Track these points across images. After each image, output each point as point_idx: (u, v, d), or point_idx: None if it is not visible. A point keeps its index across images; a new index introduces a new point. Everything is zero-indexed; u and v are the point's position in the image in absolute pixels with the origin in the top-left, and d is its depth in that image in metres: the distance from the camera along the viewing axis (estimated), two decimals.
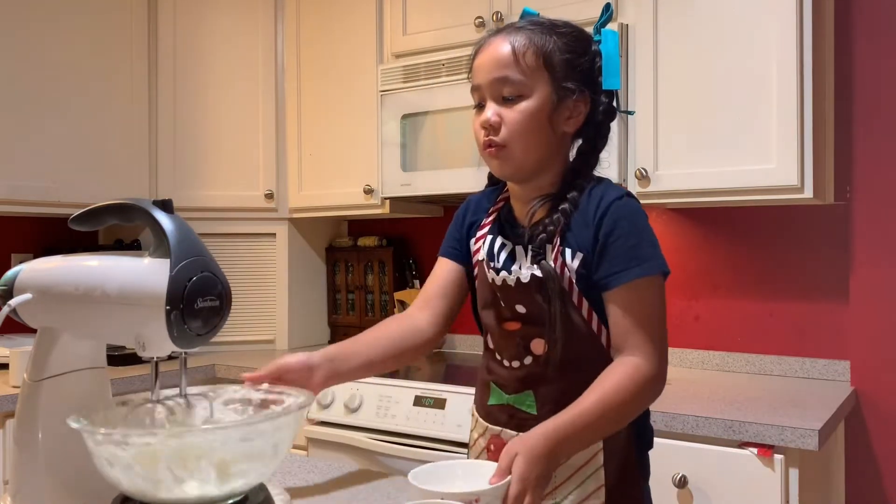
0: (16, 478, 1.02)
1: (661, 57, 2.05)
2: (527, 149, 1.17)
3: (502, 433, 1.22)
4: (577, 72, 1.18)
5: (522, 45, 1.16)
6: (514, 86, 1.16)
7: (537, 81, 1.16)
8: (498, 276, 1.22)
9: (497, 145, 1.17)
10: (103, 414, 0.96)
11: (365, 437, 2.10)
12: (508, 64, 1.16)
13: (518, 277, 1.19)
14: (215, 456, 0.87)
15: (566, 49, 1.17)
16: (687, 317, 2.37)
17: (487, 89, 1.18)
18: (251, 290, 2.82)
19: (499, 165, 1.20)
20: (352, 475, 1.24)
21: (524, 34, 1.17)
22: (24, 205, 2.41)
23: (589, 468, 1.16)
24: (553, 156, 1.20)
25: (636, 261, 1.13)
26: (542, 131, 1.17)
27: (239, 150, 2.80)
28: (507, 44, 1.17)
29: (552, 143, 1.19)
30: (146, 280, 0.92)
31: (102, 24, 2.60)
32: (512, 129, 1.16)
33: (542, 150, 1.19)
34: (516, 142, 1.16)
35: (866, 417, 2.05)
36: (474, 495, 0.94)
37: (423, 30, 2.47)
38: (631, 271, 1.12)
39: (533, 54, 1.16)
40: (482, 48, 1.21)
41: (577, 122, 1.19)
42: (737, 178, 1.94)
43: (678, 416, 1.71)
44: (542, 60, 1.16)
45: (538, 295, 1.17)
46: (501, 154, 1.18)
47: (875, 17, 2.06)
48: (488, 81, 1.17)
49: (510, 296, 1.21)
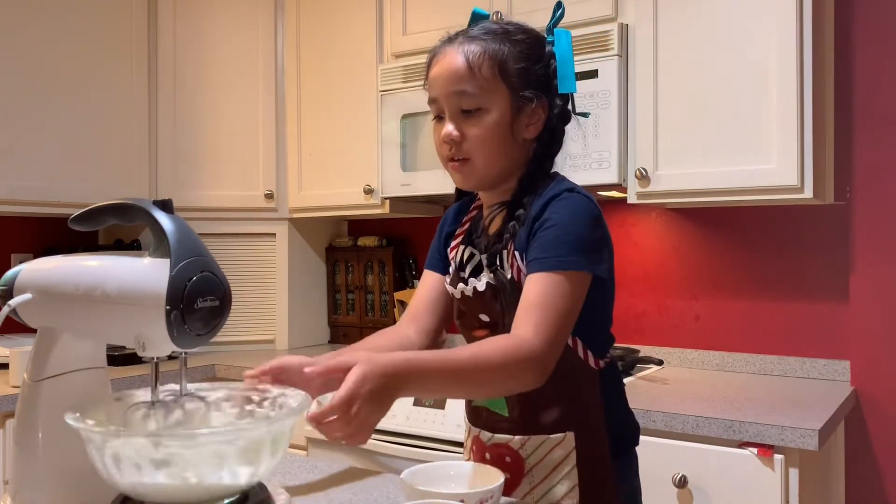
0: (16, 478, 1.02)
1: (661, 57, 2.04)
2: (489, 161, 1.17)
3: (480, 434, 1.24)
4: (533, 78, 1.16)
5: (477, 56, 1.14)
6: (471, 99, 1.14)
7: (495, 93, 1.15)
8: (456, 290, 1.24)
9: (460, 159, 1.17)
10: (102, 411, 0.96)
11: None
12: (464, 77, 1.14)
13: (475, 287, 1.19)
14: (214, 456, 0.87)
15: (521, 57, 1.16)
16: (687, 317, 2.37)
17: (445, 103, 1.17)
18: (251, 290, 2.82)
19: (462, 179, 1.20)
20: (351, 475, 1.24)
21: (477, 44, 1.15)
22: (24, 205, 2.41)
23: (563, 467, 1.17)
24: (515, 163, 1.20)
25: (555, 251, 1.09)
26: (503, 142, 1.16)
27: (239, 150, 2.80)
28: (461, 55, 1.15)
29: (514, 152, 1.18)
30: (146, 280, 0.92)
31: (102, 24, 2.60)
32: (473, 144, 1.15)
33: (505, 160, 1.18)
34: (478, 155, 1.16)
35: (866, 417, 2.05)
36: (459, 497, 0.95)
37: (423, 30, 2.47)
38: (547, 261, 1.09)
39: (488, 66, 1.14)
40: (436, 58, 1.19)
41: (538, 127, 1.18)
42: (737, 178, 1.94)
43: (678, 416, 1.71)
44: (497, 71, 1.14)
45: (495, 303, 1.17)
46: (464, 168, 1.18)
47: (875, 17, 2.06)
48: (445, 95, 1.16)
49: (472, 306, 1.22)
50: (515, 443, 1.19)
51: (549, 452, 1.17)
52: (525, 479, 1.19)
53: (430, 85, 1.20)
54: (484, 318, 1.21)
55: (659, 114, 2.05)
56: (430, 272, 1.36)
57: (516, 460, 1.19)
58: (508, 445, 1.20)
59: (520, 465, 1.19)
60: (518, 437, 1.19)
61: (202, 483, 0.87)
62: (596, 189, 2.13)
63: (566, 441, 1.17)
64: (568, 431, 1.17)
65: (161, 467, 0.85)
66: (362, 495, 1.14)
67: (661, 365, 2.29)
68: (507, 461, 1.20)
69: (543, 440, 1.18)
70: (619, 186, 2.10)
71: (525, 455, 1.19)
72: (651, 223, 2.44)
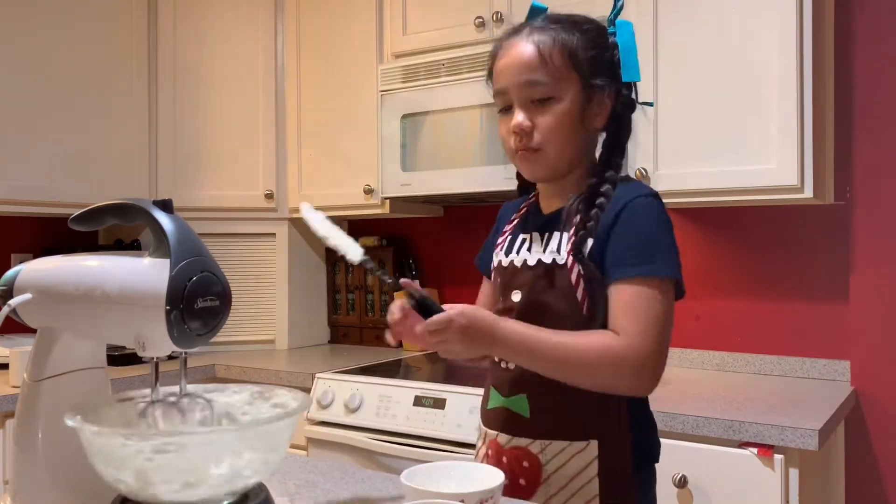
0: (16, 478, 1.02)
1: (661, 57, 2.04)
2: (561, 150, 1.17)
3: (498, 437, 1.22)
4: (603, 67, 1.16)
5: (548, 45, 1.14)
6: (543, 88, 1.14)
7: (566, 81, 1.14)
8: (506, 259, 1.24)
9: (531, 149, 1.16)
10: (100, 412, 0.96)
11: (365, 437, 2.10)
12: (535, 66, 1.14)
13: (525, 260, 1.19)
14: (212, 457, 0.86)
15: (591, 45, 1.16)
16: (687, 317, 2.37)
17: (515, 93, 1.16)
18: (251, 290, 2.82)
19: (533, 168, 1.20)
20: (352, 475, 1.24)
21: (547, 33, 1.15)
22: (24, 205, 2.41)
23: (582, 478, 1.14)
24: (584, 152, 1.20)
25: (647, 257, 1.11)
26: (574, 131, 1.17)
27: (239, 150, 2.80)
28: (532, 45, 1.15)
29: (584, 141, 1.19)
30: (146, 280, 0.92)
31: (102, 24, 2.60)
32: (546, 133, 1.15)
33: (575, 150, 1.19)
34: (551, 145, 1.16)
35: (866, 417, 2.05)
36: (459, 497, 0.95)
37: (423, 30, 2.47)
38: (639, 267, 1.10)
39: (559, 54, 1.14)
40: (503, 50, 1.18)
41: (604, 117, 1.18)
42: (737, 178, 1.94)
43: (678, 416, 1.71)
44: (569, 59, 1.14)
45: (536, 284, 1.17)
46: (536, 157, 1.17)
47: (875, 17, 2.06)
48: (516, 85, 1.16)
49: (510, 281, 1.22)
50: (535, 446, 1.16)
51: (570, 460, 1.14)
52: (541, 487, 1.16)
53: (496, 76, 1.19)
54: (515, 298, 1.20)
55: (659, 114, 2.05)
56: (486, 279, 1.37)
57: (534, 466, 1.16)
58: (528, 449, 1.17)
59: (537, 471, 1.16)
60: (539, 441, 1.16)
61: (202, 483, 0.87)
62: None
63: (588, 450, 1.13)
64: (591, 440, 1.14)
65: (161, 467, 0.85)
66: (362, 495, 1.14)
67: None
68: (525, 466, 1.17)
69: (565, 446, 1.14)
70: None
71: (544, 461, 1.15)
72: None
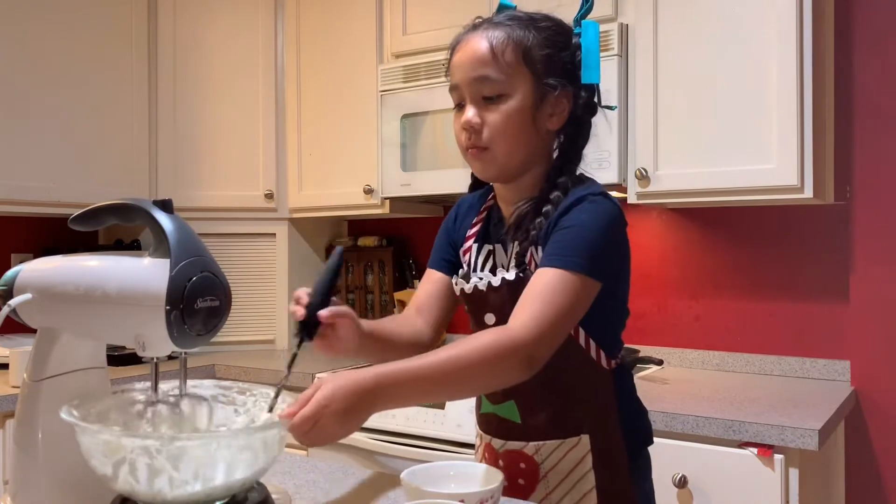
0: (16, 478, 1.02)
1: (661, 57, 2.04)
2: (510, 150, 1.14)
3: (492, 441, 1.22)
4: (559, 67, 1.14)
5: (501, 41, 1.12)
6: (494, 85, 1.12)
7: (518, 79, 1.12)
8: (468, 285, 1.20)
9: (480, 147, 1.14)
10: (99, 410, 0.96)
11: (365, 437, 2.10)
12: (487, 62, 1.12)
13: (489, 282, 1.16)
14: (211, 457, 0.86)
15: (546, 44, 1.13)
16: (687, 317, 2.37)
17: (466, 89, 1.14)
18: (251, 290, 2.81)
19: (482, 167, 1.17)
20: (352, 475, 1.24)
21: (502, 29, 1.13)
22: (24, 205, 2.41)
23: (578, 471, 1.15)
24: (537, 155, 1.17)
25: (573, 252, 1.06)
26: (524, 131, 1.13)
27: (239, 150, 2.80)
28: (485, 40, 1.12)
29: (535, 142, 1.16)
30: (146, 280, 0.92)
31: (102, 23, 2.59)
32: (494, 131, 1.13)
33: (526, 150, 1.15)
34: (499, 143, 1.13)
35: (866, 417, 2.05)
36: (459, 497, 0.95)
37: (423, 30, 2.47)
38: (563, 259, 1.06)
39: (512, 51, 1.11)
40: (459, 45, 1.16)
41: (561, 118, 1.16)
42: (737, 178, 1.93)
43: (678, 416, 1.71)
44: (521, 57, 1.12)
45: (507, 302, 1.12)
46: (484, 156, 1.15)
47: (875, 17, 2.06)
48: (467, 81, 1.14)
49: (480, 304, 1.19)
50: (530, 449, 1.17)
51: (565, 456, 1.15)
52: (541, 484, 1.17)
53: (451, 72, 1.17)
54: (489, 321, 1.18)
55: (659, 114, 2.05)
56: (432, 270, 1.32)
57: (531, 466, 1.17)
58: (522, 452, 1.18)
59: (535, 470, 1.17)
60: (532, 444, 1.17)
61: (201, 483, 0.87)
62: None
63: (581, 444, 1.15)
64: (583, 434, 1.15)
65: (160, 467, 0.85)
66: (362, 495, 1.14)
67: (661, 365, 2.29)
68: (522, 467, 1.18)
69: (558, 444, 1.15)
70: (619, 186, 2.10)
71: (540, 460, 1.16)
72: (651, 223, 2.44)
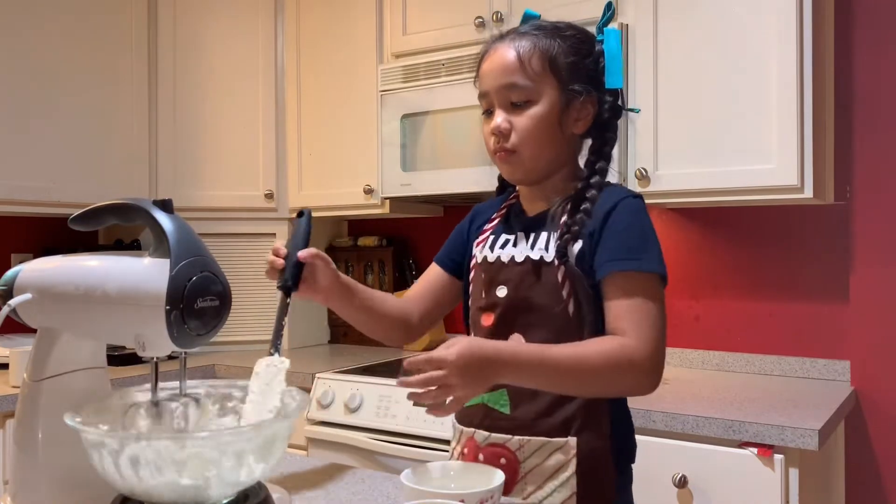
0: (16, 478, 1.02)
1: (661, 57, 2.04)
2: (537, 153, 1.20)
3: (475, 434, 1.22)
4: (583, 73, 1.20)
5: (528, 50, 1.18)
6: (521, 91, 1.18)
7: (544, 86, 1.18)
8: (491, 254, 1.24)
9: (507, 150, 1.19)
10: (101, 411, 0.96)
11: (365, 437, 2.10)
12: (515, 70, 1.18)
13: (512, 256, 1.21)
14: (212, 456, 0.86)
15: (571, 51, 1.19)
16: (687, 317, 2.37)
17: (495, 96, 1.20)
18: (251, 290, 2.81)
19: (510, 170, 1.23)
20: (352, 475, 1.24)
21: (528, 39, 1.20)
22: (24, 205, 2.41)
23: (560, 476, 1.15)
24: (562, 158, 1.23)
25: (637, 254, 1.13)
26: (551, 135, 1.19)
27: (239, 150, 2.80)
28: (513, 50, 1.19)
29: (562, 146, 1.22)
30: (146, 280, 0.92)
31: (102, 24, 2.60)
32: (522, 135, 1.18)
33: (552, 154, 1.21)
34: (526, 146, 1.19)
35: (866, 417, 2.05)
36: (459, 497, 0.95)
37: (423, 30, 2.47)
38: (631, 262, 1.12)
39: (539, 59, 1.18)
40: (487, 55, 1.23)
41: (586, 122, 1.21)
42: (737, 178, 1.93)
43: (678, 416, 1.71)
44: (547, 64, 1.18)
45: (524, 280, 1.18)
46: (512, 159, 1.20)
47: (875, 17, 2.06)
48: (496, 88, 1.20)
49: (495, 276, 1.22)
50: (513, 443, 1.17)
51: (548, 457, 1.15)
52: (518, 485, 1.17)
53: (480, 80, 1.23)
54: (500, 293, 1.21)
55: (659, 114, 2.05)
56: (436, 266, 1.37)
57: (511, 463, 1.17)
58: (506, 446, 1.18)
59: (514, 468, 1.17)
60: (517, 438, 1.17)
61: (201, 483, 0.87)
62: None
63: (567, 447, 1.15)
64: (570, 437, 1.15)
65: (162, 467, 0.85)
66: (362, 495, 1.14)
67: None
68: (502, 463, 1.17)
69: (544, 443, 1.15)
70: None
71: (522, 458, 1.17)
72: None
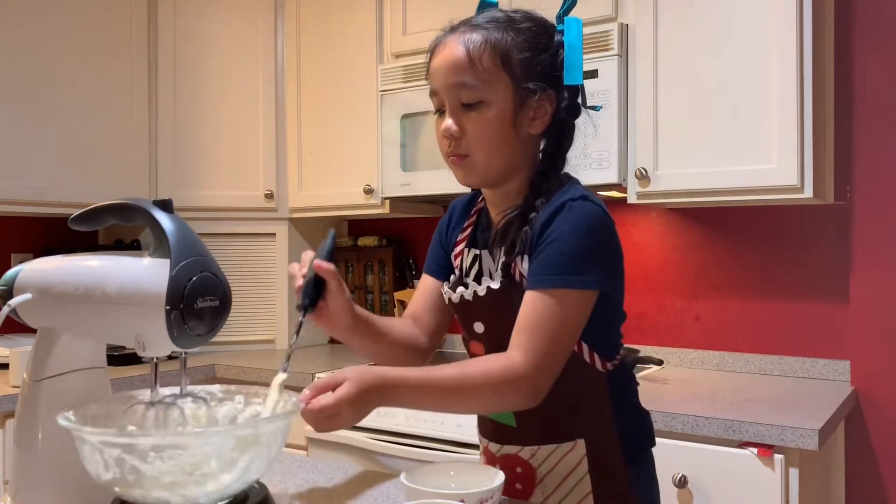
0: (16, 478, 1.02)
1: (661, 57, 2.04)
2: (490, 157, 1.11)
3: (489, 445, 1.22)
4: (539, 69, 1.10)
5: (478, 45, 1.08)
6: (472, 91, 1.09)
7: (496, 85, 1.09)
8: (455, 294, 1.19)
9: (460, 154, 1.12)
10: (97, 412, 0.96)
11: (365, 437, 2.10)
12: (464, 68, 1.08)
13: (475, 291, 1.15)
14: (210, 457, 0.86)
15: (525, 46, 1.09)
16: (687, 317, 2.37)
17: (445, 95, 1.11)
18: (251, 290, 2.82)
19: (464, 175, 1.14)
20: (351, 475, 1.24)
21: (479, 33, 1.09)
22: (24, 205, 2.41)
23: (575, 475, 1.14)
24: (520, 160, 1.14)
25: (560, 269, 1.04)
26: (505, 138, 1.10)
27: (239, 150, 2.80)
28: (462, 45, 1.09)
29: (517, 148, 1.12)
30: (146, 280, 0.92)
31: (102, 24, 2.60)
32: (473, 139, 1.10)
33: (507, 157, 1.12)
34: (478, 151, 1.10)
35: (866, 417, 2.05)
36: (459, 497, 0.95)
37: (423, 30, 2.47)
38: (549, 279, 1.04)
39: (490, 55, 1.08)
40: (437, 49, 1.13)
41: (544, 122, 1.12)
42: (737, 178, 1.93)
43: (678, 416, 1.71)
44: (499, 61, 1.08)
45: (495, 311, 1.12)
46: (465, 164, 1.12)
47: (875, 17, 2.06)
48: (445, 87, 1.11)
49: (469, 313, 1.18)
50: (525, 453, 1.17)
51: (561, 460, 1.14)
52: (538, 488, 1.16)
53: (430, 76, 1.14)
54: (478, 329, 1.18)
55: (659, 114, 2.04)
56: (428, 276, 1.32)
57: (527, 470, 1.17)
58: (518, 456, 1.17)
59: (531, 474, 1.16)
60: (528, 448, 1.16)
61: (200, 483, 0.87)
62: (596, 189, 2.12)
63: (577, 448, 1.14)
64: (578, 439, 1.14)
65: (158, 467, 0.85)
66: (362, 495, 1.14)
67: (661, 365, 2.29)
68: (519, 471, 1.17)
69: (554, 448, 1.15)
70: (619, 186, 2.10)
71: (536, 464, 1.16)
72: (651, 223, 2.44)
